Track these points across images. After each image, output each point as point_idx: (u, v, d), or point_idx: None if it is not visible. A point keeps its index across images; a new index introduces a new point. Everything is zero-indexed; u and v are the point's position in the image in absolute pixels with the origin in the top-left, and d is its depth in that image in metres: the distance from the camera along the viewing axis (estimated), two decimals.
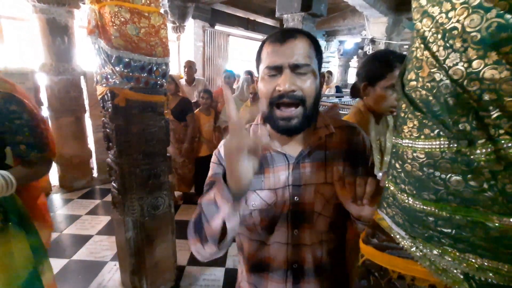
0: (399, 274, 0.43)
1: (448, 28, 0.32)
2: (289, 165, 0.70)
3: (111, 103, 1.41)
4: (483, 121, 0.31)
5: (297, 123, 0.64)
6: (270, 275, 0.73)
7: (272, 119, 0.65)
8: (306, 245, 0.71)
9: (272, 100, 0.63)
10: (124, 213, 1.61)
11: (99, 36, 1.28)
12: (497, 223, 0.32)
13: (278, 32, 0.66)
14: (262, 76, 0.65)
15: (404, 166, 0.40)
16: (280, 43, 0.62)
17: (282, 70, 0.62)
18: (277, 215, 0.70)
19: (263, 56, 0.66)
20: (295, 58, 0.61)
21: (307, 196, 0.69)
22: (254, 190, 0.70)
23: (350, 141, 0.74)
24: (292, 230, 0.70)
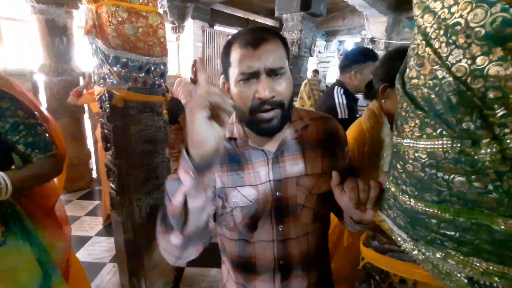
0: (401, 278, 0.42)
1: (451, 23, 0.31)
2: (268, 161, 0.70)
3: (108, 104, 1.39)
4: (487, 120, 0.30)
5: (277, 122, 0.64)
6: (257, 274, 0.73)
7: (254, 123, 0.65)
8: (292, 239, 0.71)
9: (253, 107, 0.63)
10: (122, 214, 1.60)
11: (96, 36, 1.26)
12: (502, 225, 0.30)
13: (246, 34, 0.64)
14: (236, 81, 0.64)
15: (406, 167, 0.39)
16: (254, 48, 0.61)
17: (259, 75, 0.61)
18: (259, 212, 0.70)
19: (233, 60, 0.64)
20: (270, 62, 0.61)
21: (289, 189, 0.70)
22: (234, 187, 0.70)
23: (326, 131, 0.75)
24: (277, 226, 0.70)
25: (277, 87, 0.62)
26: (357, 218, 0.58)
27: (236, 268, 0.76)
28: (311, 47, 3.84)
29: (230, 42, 0.66)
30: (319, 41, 7.67)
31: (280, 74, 0.63)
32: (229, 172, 0.71)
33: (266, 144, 0.71)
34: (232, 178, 0.71)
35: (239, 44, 0.63)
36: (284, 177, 0.70)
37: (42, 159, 1.01)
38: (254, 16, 6.44)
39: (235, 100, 0.66)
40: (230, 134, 0.73)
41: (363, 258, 0.48)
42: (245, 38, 0.63)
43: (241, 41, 0.63)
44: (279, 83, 0.63)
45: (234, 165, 0.71)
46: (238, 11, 6.06)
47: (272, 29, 0.67)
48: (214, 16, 5.69)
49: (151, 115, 1.52)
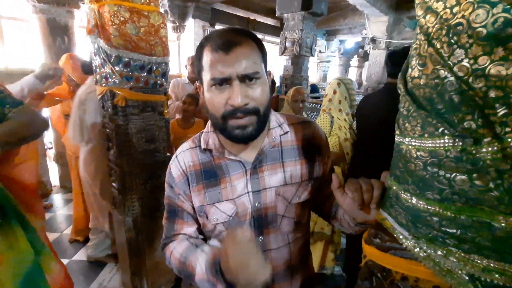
0: (402, 275, 0.42)
1: (453, 23, 0.32)
2: (246, 171, 0.67)
3: (110, 103, 1.40)
4: (489, 119, 0.30)
5: (253, 130, 0.61)
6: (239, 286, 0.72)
7: (227, 129, 0.62)
8: (272, 249, 0.69)
9: (225, 114, 0.60)
10: (124, 213, 1.61)
11: (98, 35, 1.27)
12: (503, 223, 0.31)
13: (218, 36, 0.60)
14: (208, 86, 0.61)
15: (407, 165, 0.39)
16: (225, 52, 0.57)
17: (231, 82, 0.58)
18: (241, 226, 0.68)
19: (204, 64, 0.61)
20: (243, 68, 0.57)
21: (268, 200, 0.68)
22: (212, 204, 0.68)
23: (305, 137, 0.73)
24: (257, 238, 0.68)
25: (251, 93, 0.59)
26: (361, 219, 0.57)
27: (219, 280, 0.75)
28: (312, 46, 3.84)
29: (202, 44, 0.62)
30: (320, 41, 7.66)
31: (255, 79, 0.59)
32: (205, 189, 0.68)
33: (243, 153, 0.68)
34: (209, 194, 0.68)
35: (210, 47, 0.59)
36: (263, 187, 0.67)
37: (18, 112, 1.00)
38: (255, 16, 6.43)
39: (207, 105, 0.63)
40: (205, 145, 0.69)
41: (365, 255, 0.48)
42: (216, 41, 0.58)
43: (212, 44, 0.59)
44: (253, 89, 0.59)
45: (210, 181, 0.68)
46: (238, 11, 6.06)
47: (246, 31, 0.63)
48: (215, 16, 5.68)
49: (152, 114, 1.52)
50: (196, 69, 0.65)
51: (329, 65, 8.54)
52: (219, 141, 0.68)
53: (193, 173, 0.69)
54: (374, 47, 5.26)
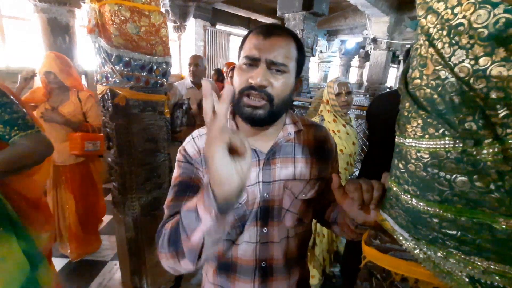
0: (402, 277, 0.42)
1: (454, 24, 0.31)
2: (260, 162, 0.69)
3: (111, 102, 1.40)
4: (490, 120, 0.30)
5: (262, 114, 0.63)
6: (238, 275, 0.72)
7: (239, 106, 0.65)
8: (274, 242, 0.71)
9: (242, 90, 0.63)
10: (124, 212, 1.61)
11: (99, 35, 1.27)
12: (504, 225, 0.31)
13: (266, 25, 0.66)
14: (240, 65, 0.66)
15: (408, 166, 0.39)
16: (264, 37, 0.62)
17: (259, 63, 0.62)
18: (247, 214, 0.69)
19: (245, 46, 0.66)
20: (274, 55, 0.61)
21: (276, 192, 0.70)
22: None
23: (317, 139, 0.76)
24: (261, 228, 0.70)
25: (272, 79, 0.62)
26: (361, 220, 0.57)
27: (217, 268, 0.75)
28: (312, 46, 3.83)
29: (250, 31, 0.68)
30: (321, 41, 7.65)
31: (281, 71, 0.63)
32: None
33: (258, 143, 0.70)
34: None
35: (254, 32, 0.65)
36: (273, 179, 0.70)
37: (24, 137, 0.95)
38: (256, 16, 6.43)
39: (233, 82, 0.67)
40: None
41: (364, 257, 0.48)
42: (263, 28, 0.65)
43: (258, 29, 0.65)
44: (276, 77, 0.62)
45: None
46: (240, 10, 6.06)
47: (292, 32, 0.67)
48: (216, 15, 5.68)
49: (153, 114, 1.52)
50: (239, 52, 0.70)
51: (330, 65, 8.53)
52: (236, 127, 0.71)
53: None
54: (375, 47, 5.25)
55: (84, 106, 2.06)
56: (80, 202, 2.14)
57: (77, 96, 2.04)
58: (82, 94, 2.07)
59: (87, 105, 2.07)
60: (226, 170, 0.40)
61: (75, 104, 2.02)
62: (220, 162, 0.40)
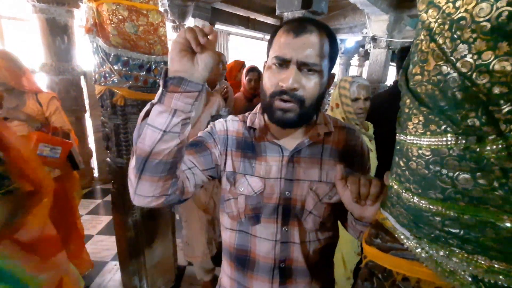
0: (404, 276, 0.41)
1: (456, 18, 0.31)
2: (283, 158, 0.69)
3: (109, 102, 1.39)
4: (493, 116, 0.30)
5: (293, 117, 0.62)
6: (255, 273, 0.71)
7: (271, 109, 0.64)
8: (295, 243, 0.69)
9: (274, 93, 0.62)
10: (124, 213, 1.60)
11: (97, 34, 1.26)
12: (508, 223, 0.30)
13: (296, 20, 0.62)
14: (270, 64, 0.63)
15: (409, 164, 0.38)
16: (294, 35, 0.59)
17: (289, 64, 0.60)
18: (263, 206, 0.68)
19: (274, 43, 0.63)
20: (305, 55, 0.59)
21: (299, 192, 0.68)
22: (244, 174, 0.69)
23: (349, 143, 0.73)
24: (281, 227, 0.69)
25: (304, 81, 0.60)
26: (357, 214, 0.58)
27: (233, 261, 0.74)
28: None
29: (280, 25, 0.65)
30: None
31: (313, 70, 0.60)
32: (241, 158, 0.70)
33: (285, 140, 0.70)
34: (243, 164, 0.70)
35: (284, 28, 0.62)
36: (296, 178, 0.68)
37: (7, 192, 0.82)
38: (255, 15, 6.42)
39: (263, 81, 0.65)
40: (251, 124, 0.72)
41: (365, 256, 0.47)
42: (293, 25, 0.61)
43: (288, 26, 0.62)
44: (308, 78, 0.60)
45: (248, 152, 0.71)
46: (239, 10, 6.04)
47: (324, 25, 0.63)
48: (215, 15, 5.67)
49: None
50: (268, 47, 0.68)
51: None
52: (264, 122, 0.71)
53: (234, 139, 0.73)
54: (374, 46, 5.24)
55: (46, 111, 1.71)
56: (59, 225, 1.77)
57: (35, 99, 1.69)
58: (42, 97, 1.71)
59: (50, 109, 1.73)
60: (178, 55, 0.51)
61: (34, 109, 1.67)
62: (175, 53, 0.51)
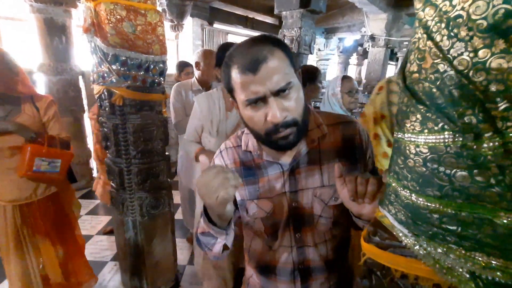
0: (402, 273, 0.42)
1: (452, 16, 0.31)
2: (284, 173, 0.69)
3: (108, 102, 1.39)
4: (490, 113, 0.30)
5: (294, 137, 0.62)
6: (278, 277, 0.74)
7: (271, 142, 0.63)
8: (310, 246, 0.72)
9: (268, 131, 0.61)
10: (123, 213, 1.60)
11: (95, 34, 1.26)
12: (505, 220, 0.30)
13: (243, 56, 0.58)
14: (244, 106, 0.61)
15: (407, 162, 0.38)
16: (253, 73, 0.56)
17: (266, 99, 0.58)
18: (278, 222, 0.71)
19: (234, 85, 0.60)
20: (276, 83, 0.56)
21: (305, 200, 0.69)
22: (252, 200, 0.72)
23: (345, 138, 0.71)
24: (294, 234, 0.71)
25: (287, 104, 0.59)
26: (355, 211, 0.58)
27: (257, 270, 0.78)
28: (310, 44, 3.82)
29: (227, 65, 0.61)
30: (319, 39, 7.63)
31: (288, 89, 0.58)
32: (245, 186, 0.72)
33: (281, 155, 0.70)
34: (249, 191, 0.72)
35: (237, 70, 0.58)
36: (300, 188, 0.69)
37: None
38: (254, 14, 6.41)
39: (247, 122, 0.64)
40: (245, 147, 0.73)
41: (364, 254, 0.48)
42: (242, 62, 0.57)
43: (239, 66, 0.58)
44: (289, 99, 0.59)
45: (250, 179, 0.72)
46: (237, 9, 6.03)
47: (268, 39, 0.60)
48: (213, 14, 5.66)
49: (150, 113, 1.51)
50: (226, 87, 0.64)
51: (328, 63, 8.52)
52: (258, 143, 0.71)
53: (234, 170, 0.74)
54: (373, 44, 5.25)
55: (44, 116, 1.51)
56: (59, 244, 1.66)
57: (32, 104, 1.49)
58: (39, 101, 1.52)
59: (48, 114, 1.53)
60: (224, 210, 0.59)
61: (31, 115, 1.47)
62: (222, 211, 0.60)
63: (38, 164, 1.39)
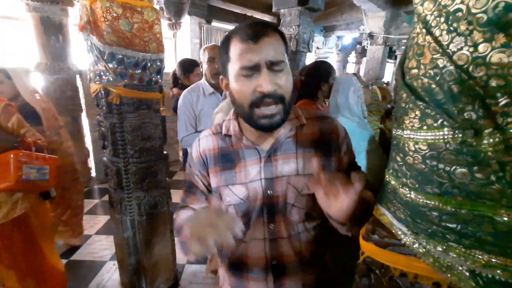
0: (401, 272, 0.41)
1: (452, 10, 0.30)
2: (261, 159, 0.71)
3: (105, 101, 1.38)
4: (490, 109, 0.29)
5: (279, 119, 0.64)
6: (250, 275, 0.73)
7: (253, 118, 0.64)
8: (283, 238, 0.71)
9: (254, 101, 0.62)
10: (121, 212, 1.59)
11: (91, 32, 1.24)
12: (505, 217, 0.30)
13: (246, 28, 0.63)
14: (236, 76, 0.63)
15: (406, 159, 0.38)
16: (254, 42, 0.60)
17: (260, 69, 0.60)
18: (251, 210, 0.71)
19: (232, 55, 0.63)
20: (272, 55, 0.60)
21: (279, 188, 0.70)
22: (227, 185, 0.72)
23: (322, 131, 0.74)
24: (268, 224, 0.71)
25: (278, 80, 0.62)
26: (324, 210, 0.59)
27: (229, 268, 0.77)
28: (309, 42, 3.80)
29: (228, 37, 0.65)
30: (317, 37, 7.61)
31: (281, 67, 0.62)
32: (221, 172, 0.73)
33: (260, 141, 0.71)
34: (224, 176, 0.72)
35: (238, 38, 0.62)
36: (275, 175, 0.70)
37: None
38: (252, 12, 6.38)
39: (235, 95, 0.66)
40: (226, 131, 0.74)
41: (363, 252, 0.47)
42: (245, 32, 0.61)
43: (241, 35, 0.62)
44: (279, 77, 0.62)
45: (226, 164, 0.73)
46: (235, 7, 6.01)
47: (272, 24, 0.66)
48: (211, 12, 5.63)
49: (148, 112, 1.50)
50: (221, 61, 0.67)
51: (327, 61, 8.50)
52: (239, 128, 0.72)
53: (211, 156, 0.75)
54: (371, 42, 5.23)
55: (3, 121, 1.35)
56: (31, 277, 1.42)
57: None
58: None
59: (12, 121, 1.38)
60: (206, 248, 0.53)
61: None
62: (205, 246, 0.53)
63: (27, 172, 1.24)
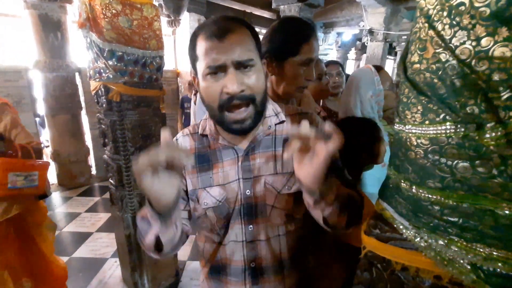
0: (403, 266, 0.42)
1: (455, 4, 0.30)
2: (238, 158, 0.67)
3: (105, 99, 1.38)
4: (492, 103, 0.29)
5: (251, 123, 0.61)
6: (228, 278, 0.70)
7: (225, 122, 0.62)
8: (261, 240, 0.68)
9: (222, 103, 0.59)
10: (122, 209, 1.60)
11: (90, 29, 1.24)
12: (507, 210, 0.30)
13: (211, 24, 0.60)
14: (204, 75, 0.60)
15: (408, 154, 0.38)
16: (219, 39, 0.57)
17: (226, 69, 0.57)
18: (230, 212, 0.67)
19: (199, 53, 0.60)
20: (238, 55, 0.57)
21: (257, 188, 0.67)
22: (204, 188, 0.68)
23: None
24: (246, 226, 0.67)
25: (246, 80, 0.58)
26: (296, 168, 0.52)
27: (209, 272, 0.74)
28: None
29: (195, 33, 0.62)
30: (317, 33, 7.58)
31: (250, 66, 0.59)
32: (198, 173, 0.69)
33: (237, 140, 0.68)
34: (201, 178, 0.69)
35: (204, 35, 0.59)
36: (253, 175, 0.67)
37: None
38: (251, 9, 6.35)
39: (203, 95, 0.63)
40: (202, 131, 0.71)
41: (364, 246, 0.47)
42: (210, 29, 0.58)
43: (206, 32, 0.59)
44: (248, 76, 0.59)
45: (203, 165, 0.69)
46: (234, 4, 5.97)
47: (240, 19, 0.62)
48: (210, 9, 5.60)
49: (148, 109, 1.50)
50: (191, 59, 0.64)
51: (326, 58, 8.48)
52: (215, 127, 0.69)
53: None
54: (371, 39, 5.21)
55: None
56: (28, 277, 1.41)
57: None
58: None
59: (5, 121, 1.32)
60: (157, 192, 0.47)
61: None
62: (148, 188, 0.46)
63: (13, 180, 1.19)
